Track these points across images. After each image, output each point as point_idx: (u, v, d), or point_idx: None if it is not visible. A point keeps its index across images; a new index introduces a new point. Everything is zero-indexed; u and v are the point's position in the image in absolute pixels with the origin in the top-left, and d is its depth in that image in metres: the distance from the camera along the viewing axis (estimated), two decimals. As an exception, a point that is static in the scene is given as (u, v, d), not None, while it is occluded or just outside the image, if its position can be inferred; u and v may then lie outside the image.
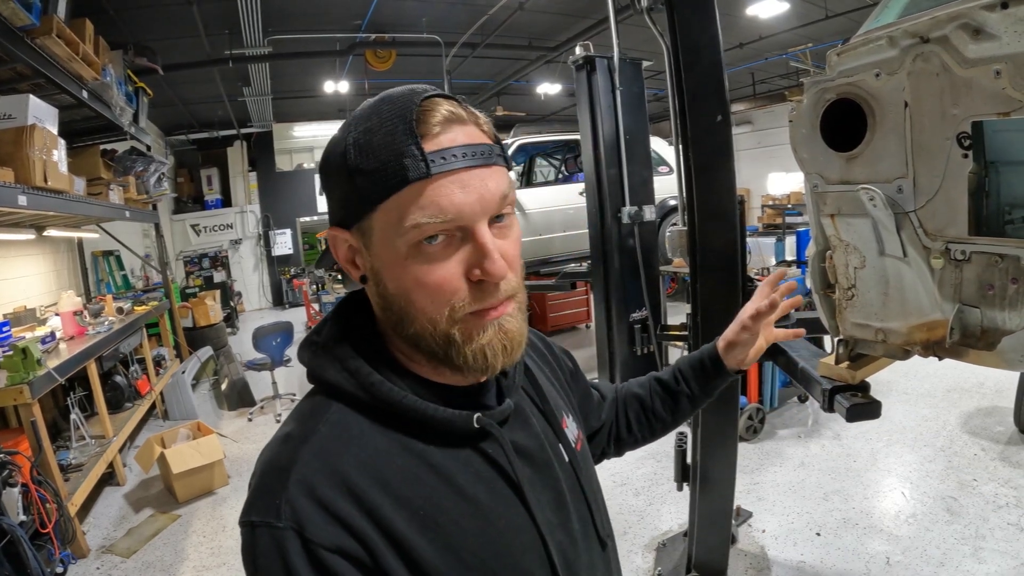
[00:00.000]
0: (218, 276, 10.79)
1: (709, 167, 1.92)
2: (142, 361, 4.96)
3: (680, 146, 2.01)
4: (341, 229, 0.60)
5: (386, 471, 0.56)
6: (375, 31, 6.73)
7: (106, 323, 4.28)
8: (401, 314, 0.59)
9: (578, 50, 3.58)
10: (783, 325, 1.09)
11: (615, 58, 3.45)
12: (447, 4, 6.19)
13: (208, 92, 8.26)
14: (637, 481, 3.36)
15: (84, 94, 3.79)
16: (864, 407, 1.31)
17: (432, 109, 0.55)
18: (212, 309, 7.01)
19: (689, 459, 2.34)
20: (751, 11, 6.49)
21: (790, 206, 10.62)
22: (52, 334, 3.69)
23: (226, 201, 11.55)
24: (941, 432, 3.57)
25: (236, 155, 11.53)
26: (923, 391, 4.17)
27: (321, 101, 9.62)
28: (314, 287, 9.48)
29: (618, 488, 3.29)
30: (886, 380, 4.11)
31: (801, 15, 6.76)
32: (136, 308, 5.02)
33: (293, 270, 11.79)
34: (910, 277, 1.14)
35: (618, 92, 3.53)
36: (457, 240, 0.56)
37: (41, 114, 3.26)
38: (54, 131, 3.38)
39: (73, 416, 3.68)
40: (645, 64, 3.75)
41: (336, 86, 8.35)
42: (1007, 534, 2.55)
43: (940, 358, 1.17)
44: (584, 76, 3.59)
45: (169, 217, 10.47)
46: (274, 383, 5.27)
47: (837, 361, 1.39)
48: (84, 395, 3.95)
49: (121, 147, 5.52)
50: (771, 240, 8.14)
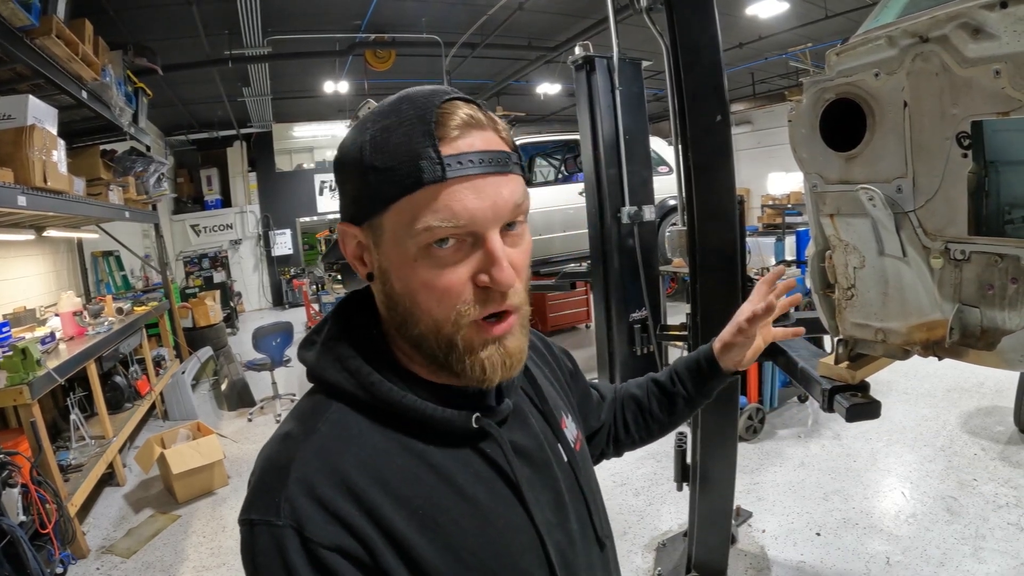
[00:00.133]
0: (218, 276, 10.78)
1: (709, 167, 1.92)
2: (142, 361, 4.96)
3: (680, 146, 2.01)
4: (352, 225, 0.60)
5: (386, 470, 0.56)
6: (375, 31, 6.73)
7: (106, 323, 4.28)
8: (406, 315, 0.59)
9: (578, 50, 3.57)
10: (782, 324, 1.07)
11: (615, 58, 3.45)
12: (447, 4, 6.19)
13: (208, 92, 8.26)
14: (637, 481, 3.36)
15: (84, 94, 3.79)
16: (864, 407, 1.31)
17: (452, 112, 0.55)
18: (212, 309, 7.01)
19: (689, 459, 2.34)
20: (751, 11, 6.49)
21: (790, 206, 10.63)
22: (52, 334, 3.69)
23: (226, 201, 11.55)
24: (941, 432, 3.57)
25: (236, 155, 11.53)
26: (923, 391, 4.17)
27: (321, 101, 9.63)
28: (314, 287, 9.48)
29: (618, 488, 3.29)
30: (886, 380, 4.11)
31: (801, 15, 6.76)
32: (136, 308, 5.02)
33: (293, 270, 11.80)
34: (910, 277, 1.14)
35: (618, 92, 3.53)
36: (468, 245, 0.56)
37: (40, 114, 3.26)
38: (54, 131, 3.38)
39: (73, 416, 3.68)
40: (645, 64, 3.74)
41: (336, 86, 8.35)
42: (1007, 534, 2.55)
43: (940, 358, 1.17)
44: (584, 76, 3.58)
45: (169, 217, 10.47)
46: (274, 383, 5.27)
47: (837, 361, 1.39)
48: (84, 395, 3.95)
49: (121, 147, 5.52)
50: (771, 240, 8.13)
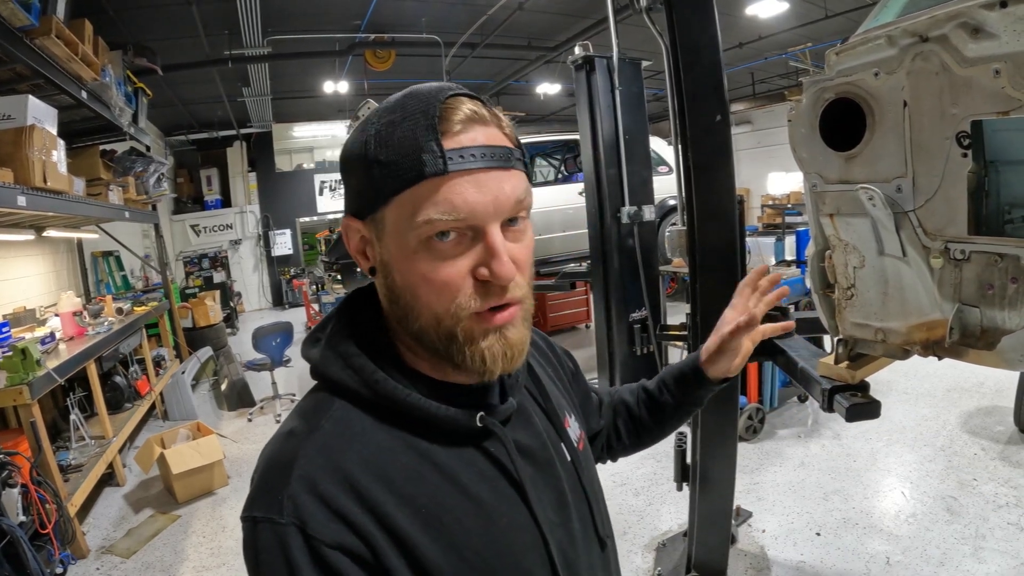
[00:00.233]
0: (218, 276, 10.77)
1: (708, 167, 1.92)
2: (142, 361, 4.96)
3: (679, 146, 2.01)
4: (355, 219, 0.60)
5: (389, 469, 0.56)
6: (374, 31, 6.73)
7: (106, 324, 4.27)
8: (407, 308, 0.59)
9: (577, 50, 3.57)
10: (771, 318, 1.03)
11: (614, 58, 3.45)
12: (447, 4, 6.19)
13: (208, 92, 8.26)
14: (637, 481, 3.36)
15: (83, 94, 3.79)
16: (864, 407, 1.31)
17: (455, 107, 0.55)
18: (212, 309, 7.01)
19: (689, 459, 2.34)
20: (750, 11, 6.49)
21: (790, 206, 10.64)
22: (52, 335, 3.69)
23: (226, 201, 11.55)
24: (941, 432, 3.57)
25: (236, 155, 11.53)
26: (923, 391, 4.17)
27: (321, 101, 9.63)
28: (314, 287, 9.48)
29: (618, 488, 3.29)
30: (886, 380, 4.11)
31: (800, 15, 6.76)
32: (136, 308, 5.02)
33: (293, 270, 11.79)
34: (909, 277, 1.14)
35: (617, 92, 3.53)
36: (468, 239, 0.56)
37: (40, 115, 3.26)
38: (53, 131, 3.38)
39: (73, 417, 3.68)
40: (644, 64, 3.74)
41: (336, 86, 8.35)
42: (1007, 534, 2.55)
43: (940, 358, 1.17)
44: (583, 76, 3.58)
45: (169, 217, 10.46)
46: (274, 383, 5.27)
47: (837, 361, 1.39)
48: (84, 395, 3.94)
49: (121, 147, 5.52)
50: (771, 240, 8.13)
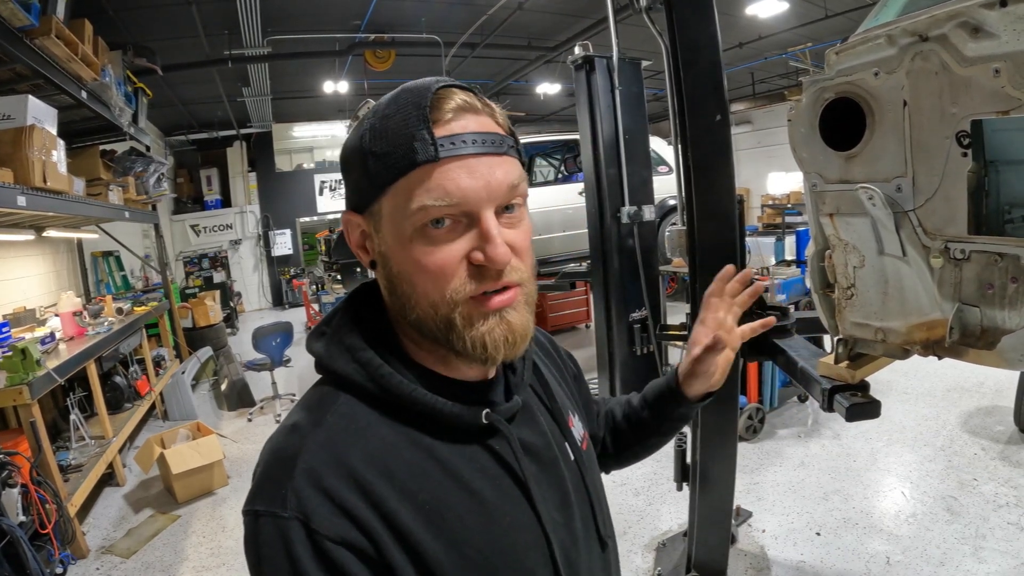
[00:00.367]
0: (218, 276, 10.77)
1: (708, 167, 1.92)
2: (142, 361, 4.96)
3: (679, 146, 2.01)
4: (355, 214, 0.61)
5: (393, 464, 0.55)
6: (374, 31, 6.73)
7: (106, 324, 4.27)
8: (404, 298, 0.59)
9: (577, 50, 3.57)
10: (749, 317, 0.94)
11: (614, 58, 3.45)
12: (446, 4, 6.19)
13: (207, 92, 8.26)
14: (637, 481, 3.36)
15: (83, 95, 3.79)
16: (864, 407, 1.31)
17: (446, 97, 0.56)
18: (212, 309, 7.01)
19: (689, 459, 2.34)
20: (750, 10, 6.48)
21: (790, 206, 10.64)
22: (52, 335, 3.69)
23: (226, 201, 11.54)
24: (941, 431, 3.57)
25: (236, 155, 11.53)
26: (923, 390, 4.17)
27: (320, 101, 9.63)
28: (314, 287, 9.48)
29: (618, 488, 3.29)
30: (886, 379, 4.11)
31: (800, 15, 6.76)
32: (136, 309, 5.02)
33: (293, 270, 11.79)
34: (909, 276, 1.14)
35: (617, 92, 3.52)
36: (463, 226, 0.56)
37: (40, 115, 3.26)
38: (53, 131, 3.38)
39: (73, 417, 3.68)
40: (644, 64, 3.74)
41: (335, 86, 8.35)
42: (1007, 533, 2.55)
43: (940, 357, 1.17)
44: (583, 76, 3.58)
45: (169, 217, 10.46)
46: (274, 383, 5.27)
47: (836, 361, 1.39)
48: (84, 396, 3.94)
49: (120, 147, 5.52)
50: (771, 240, 8.13)
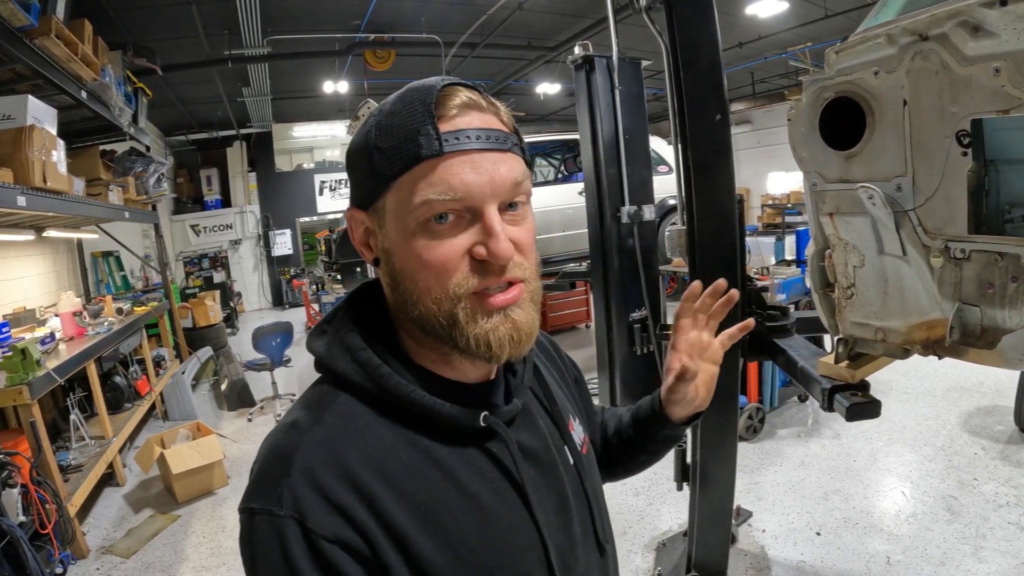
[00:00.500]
0: (218, 276, 10.77)
1: (708, 166, 1.92)
2: (142, 362, 4.96)
3: (679, 146, 2.00)
4: (359, 210, 0.61)
5: (390, 465, 0.55)
6: (374, 31, 6.73)
7: (105, 324, 4.27)
8: (406, 294, 0.59)
9: (577, 50, 3.56)
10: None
11: (614, 57, 3.44)
12: (446, 4, 6.18)
13: (207, 92, 8.26)
14: (637, 481, 3.35)
15: (83, 95, 3.79)
16: (864, 406, 1.31)
17: (451, 94, 0.56)
18: (212, 309, 7.01)
19: (689, 459, 2.33)
20: (750, 10, 6.48)
21: (790, 205, 10.66)
22: (51, 335, 3.69)
23: (226, 201, 11.55)
24: (941, 431, 3.57)
25: (236, 155, 11.53)
26: (923, 390, 4.16)
27: (320, 101, 9.63)
28: (314, 287, 9.48)
29: (618, 488, 3.28)
30: (886, 379, 4.11)
31: (800, 14, 6.76)
32: (136, 309, 5.02)
33: (293, 270, 11.79)
34: (909, 276, 1.14)
35: (617, 92, 3.51)
36: (466, 221, 0.56)
37: (40, 115, 3.26)
38: (53, 132, 3.38)
39: (73, 417, 3.68)
40: (644, 63, 3.73)
41: (335, 86, 8.35)
42: (1007, 533, 2.55)
43: (940, 357, 1.17)
44: (583, 76, 3.57)
45: (169, 218, 10.46)
46: (274, 383, 5.27)
47: (837, 360, 1.39)
48: (84, 396, 3.94)
49: (120, 148, 5.52)
50: (771, 239, 8.14)
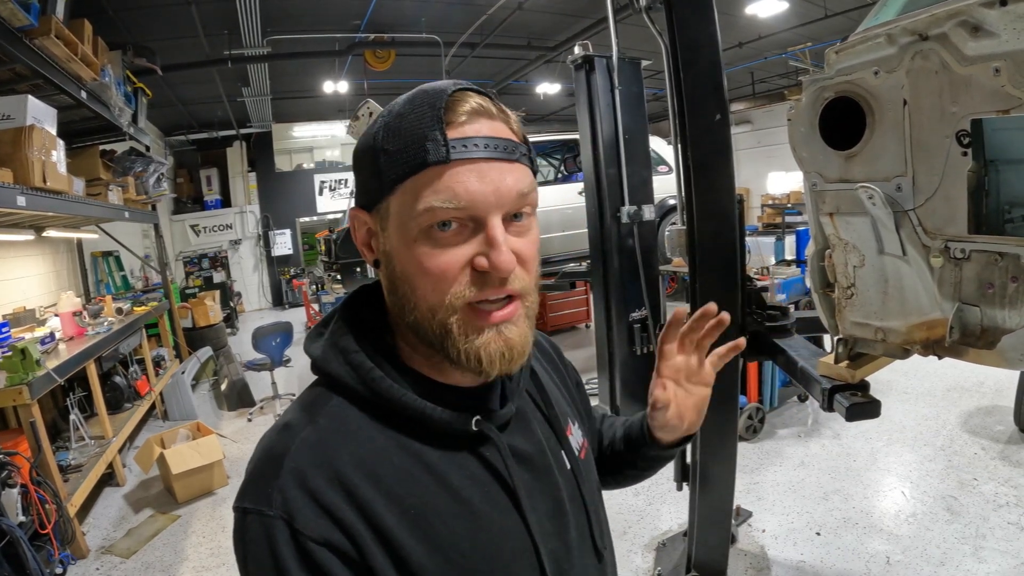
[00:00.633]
0: (218, 276, 10.77)
1: (708, 166, 1.92)
2: (141, 362, 4.96)
3: (679, 145, 2.00)
4: (363, 211, 0.61)
5: (380, 468, 0.56)
6: (374, 31, 6.73)
7: (105, 324, 4.27)
8: (404, 299, 0.59)
9: (577, 49, 3.56)
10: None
11: (614, 57, 3.44)
12: (446, 4, 6.18)
13: (207, 92, 8.26)
14: (637, 481, 3.35)
15: (83, 95, 3.78)
16: (863, 406, 1.31)
17: (462, 100, 0.56)
18: (212, 309, 7.01)
19: (689, 459, 2.33)
20: (750, 10, 6.48)
21: (790, 205, 10.65)
22: (51, 335, 3.69)
23: (225, 201, 11.55)
24: (941, 431, 3.57)
25: (235, 155, 11.53)
26: (923, 390, 4.16)
27: (320, 101, 9.63)
28: (314, 287, 9.48)
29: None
30: (886, 379, 4.11)
31: (800, 14, 6.76)
32: (135, 309, 5.02)
33: (293, 270, 11.79)
34: (909, 276, 1.14)
35: (617, 91, 3.52)
36: (469, 231, 0.55)
37: (40, 115, 3.26)
38: (53, 132, 3.38)
39: (72, 417, 3.68)
40: (644, 63, 3.73)
41: (335, 86, 8.35)
42: (1007, 533, 2.55)
43: (940, 357, 1.17)
44: (583, 76, 3.58)
45: (168, 217, 10.46)
46: (274, 383, 5.27)
47: (836, 360, 1.39)
48: (83, 396, 3.94)
49: (120, 148, 5.51)
50: (771, 239, 8.14)
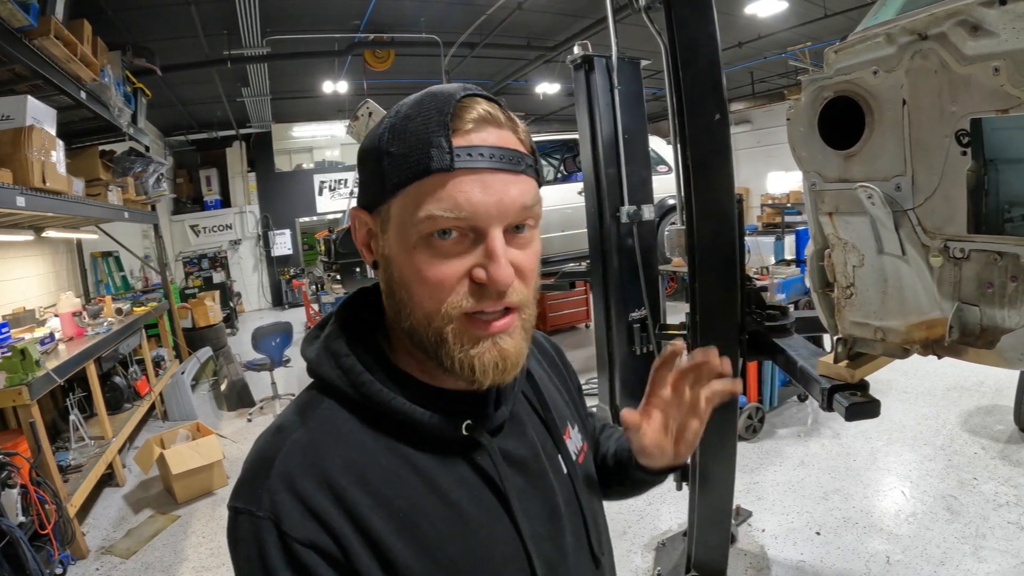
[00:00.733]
0: (217, 277, 10.77)
1: (707, 166, 1.92)
2: (141, 362, 4.96)
3: (678, 145, 2.00)
4: (364, 211, 0.61)
5: (369, 471, 0.56)
6: (374, 31, 6.73)
7: (105, 324, 4.27)
8: (400, 305, 0.58)
9: (576, 49, 3.56)
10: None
11: (613, 57, 3.44)
12: (446, 4, 6.18)
13: (207, 93, 8.25)
14: (637, 481, 3.35)
15: (82, 95, 3.78)
16: (863, 406, 1.31)
17: (470, 107, 0.55)
18: (211, 310, 7.01)
19: (688, 458, 2.33)
20: (749, 10, 6.48)
21: (789, 205, 10.65)
22: (51, 335, 3.69)
23: (225, 202, 11.55)
24: (941, 431, 3.57)
25: (235, 155, 11.53)
26: (922, 390, 4.16)
27: (320, 101, 9.62)
28: (313, 287, 9.48)
29: (618, 488, 3.28)
30: (885, 379, 4.11)
31: (800, 14, 6.76)
32: (135, 309, 5.02)
33: (292, 270, 11.79)
34: (909, 275, 1.14)
35: (616, 91, 3.51)
36: (469, 241, 0.55)
37: (39, 115, 3.26)
38: (52, 132, 3.38)
39: (72, 417, 3.68)
40: (643, 63, 3.73)
41: (335, 86, 8.34)
42: (1007, 533, 2.55)
43: (939, 356, 1.17)
44: (582, 75, 3.57)
45: (168, 218, 10.46)
46: (273, 384, 5.27)
47: (836, 360, 1.39)
48: (83, 396, 3.94)
49: (120, 148, 5.52)
50: (770, 239, 8.14)
